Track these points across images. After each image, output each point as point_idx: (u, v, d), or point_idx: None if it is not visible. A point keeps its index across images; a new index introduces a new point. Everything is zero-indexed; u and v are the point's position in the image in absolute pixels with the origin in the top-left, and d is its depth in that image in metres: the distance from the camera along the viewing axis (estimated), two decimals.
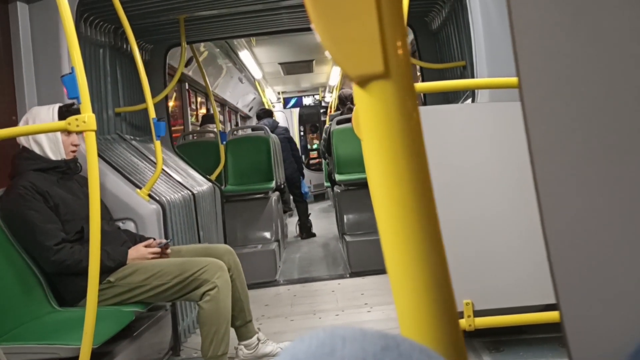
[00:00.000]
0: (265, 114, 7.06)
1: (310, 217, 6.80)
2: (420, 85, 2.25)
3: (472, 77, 2.93)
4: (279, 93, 12.19)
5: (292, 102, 12.34)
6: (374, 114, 0.40)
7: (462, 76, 3.55)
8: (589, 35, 0.39)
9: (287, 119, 12.12)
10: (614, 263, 0.41)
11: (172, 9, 3.57)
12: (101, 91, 3.45)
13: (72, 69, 1.83)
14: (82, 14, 3.15)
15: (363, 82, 0.40)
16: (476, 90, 2.83)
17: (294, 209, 7.19)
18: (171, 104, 6.57)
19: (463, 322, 2.03)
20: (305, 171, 10.97)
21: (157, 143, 2.95)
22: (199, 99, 7.52)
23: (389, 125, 0.40)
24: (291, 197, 7.02)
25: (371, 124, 0.40)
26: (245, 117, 10.70)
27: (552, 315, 1.96)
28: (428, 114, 2.21)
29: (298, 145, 11.84)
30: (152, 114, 2.95)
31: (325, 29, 0.39)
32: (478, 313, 2.06)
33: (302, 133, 12.66)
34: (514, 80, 1.89)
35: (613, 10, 0.38)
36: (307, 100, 12.37)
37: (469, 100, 3.05)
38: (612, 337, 0.41)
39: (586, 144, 0.40)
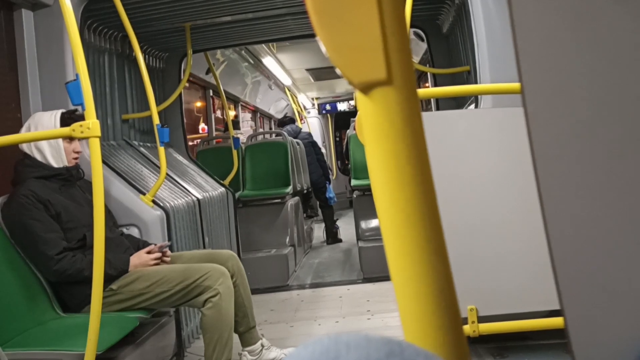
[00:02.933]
0: (288, 120, 7.22)
1: (338, 222, 6.80)
2: (423, 91, 2.25)
3: (476, 82, 2.93)
4: (313, 99, 12.18)
5: (328, 107, 12.30)
6: (377, 120, 0.40)
7: (468, 81, 3.55)
8: (590, 41, 0.39)
9: (322, 125, 12.08)
10: (617, 269, 0.41)
11: (177, 16, 3.59)
12: (106, 98, 3.47)
13: (77, 75, 1.84)
14: (86, 20, 3.16)
15: (366, 88, 0.40)
16: (479, 96, 2.83)
17: (320, 214, 7.22)
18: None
19: (467, 328, 2.02)
20: (341, 177, 10.92)
21: (161, 149, 2.95)
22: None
23: (392, 131, 0.40)
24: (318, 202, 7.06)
25: (374, 130, 0.40)
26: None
27: (557, 321, 1.95)
28: (431, 119, 2.22)
29: (333, 151, 11.84)
30: (156, 120, 2.96)
31: (327, 36, 0.39)
32: (482, 319, 2.05)
33: (337, 139, 12.60)
34: (516, 85, 1.89)
35: (613, 17, 0.39)
36: (342, 106, 12.31)
37: (472, 106, 3.05)
38: (616, 343, 0.41)
39: (588, 149, 0.40)
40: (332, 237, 6.65)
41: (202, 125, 6.86)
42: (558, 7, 0.39)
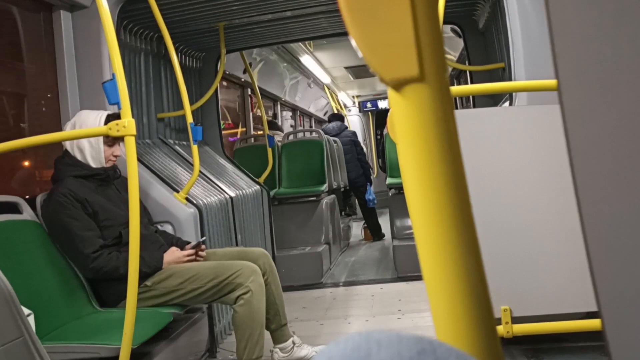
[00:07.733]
0: (333, 117, 7.25)
1: (379, 221, 6.78)
2: (456, 89, 2.22)
3: (510, 79, 2.88)
4: (353, 97, 12.18)
5: (369, 105, 12.26)
6: (409, 118, 0.40)
7: (503, 78, 3.49)
8: (630, 37, 0.38)
9: (364, 123, 12.05)
10: None
11: (211, 16, 3.63)
12: (142, 97, 3.53)
13: (113, 75, 1.88)
14: (122, 21, 3.23)
15: (398, 85, 0.40)
16: (514, 93, 2.78)
17: (358, 213, 7.17)
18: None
19: (501, 329, 1.99)
20: (382, 175, 10.88)
21: (194, 147, 2.99)
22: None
23: (424, 129, 0.40)
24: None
25: (406, 128, 0.40)
26: (321, 121, 10.78)
27: (593, 324, 1.91)
28: (464, 117, 2.19)
29: (374, 149, 11.81)
30: (189, 118, 3.00)
31: (360, 33, 0.39)
32: (516, 320, 2.02)
33: (379, 137, 12.49)
34: (552, 82, 1.85)
35: None
36: (383, 104, 12.15)
37: (507, 103, 3.00)
38: None
39: (627, 148, 0.39)
40: (376, 234, 6.64)
41: None
42: (597, 2, 0.38)
